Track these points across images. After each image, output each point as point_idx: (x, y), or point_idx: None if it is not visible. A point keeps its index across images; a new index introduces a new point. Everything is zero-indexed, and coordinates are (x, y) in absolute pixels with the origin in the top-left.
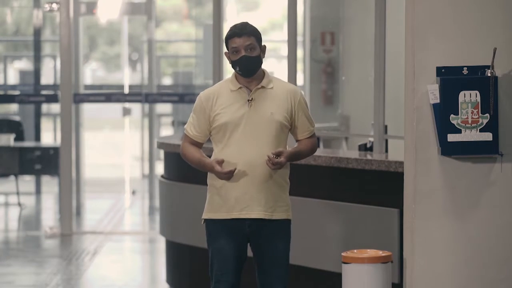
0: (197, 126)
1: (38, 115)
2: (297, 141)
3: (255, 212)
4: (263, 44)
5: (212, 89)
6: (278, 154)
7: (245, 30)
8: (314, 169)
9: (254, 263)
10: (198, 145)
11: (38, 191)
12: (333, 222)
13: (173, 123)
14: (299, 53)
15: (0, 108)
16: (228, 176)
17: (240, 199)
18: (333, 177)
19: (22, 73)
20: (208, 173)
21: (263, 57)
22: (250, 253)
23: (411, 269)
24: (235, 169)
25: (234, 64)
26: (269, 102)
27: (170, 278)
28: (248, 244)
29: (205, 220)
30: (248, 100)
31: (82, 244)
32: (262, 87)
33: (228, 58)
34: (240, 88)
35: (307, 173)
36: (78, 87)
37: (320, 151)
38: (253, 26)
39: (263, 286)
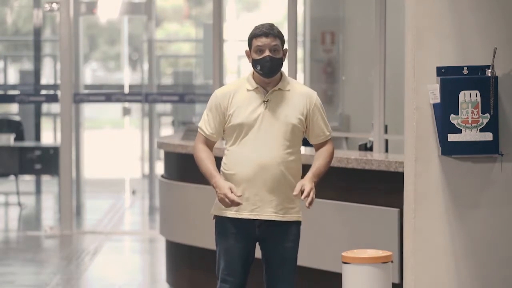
0: (212, 124)
1: (38, 115)
2: (313, 145)
3: (266, 213)
4: (285, 47)
5: (228, 87)
6: (301, 192)
7: (272, 31)
8: None
9: (262, 263)
10: (211, 144)
11: (38, 191)
12: (333, 222)
13: (173, 123)
14: (299, 53)
15: (0, 108)
16: (231, 204)
17: (251, 200)
18: (333, 177)
19: (22, 73)
20: (221, 170)
21: (284, 60)
22: (257, 254)
23: (411, 269)
24: (239, 199)
25: (255, 63)
26: (284, 105)
27: (170, 278)
28: (257, 243)
29: (215, 216)
30: (264, 101)
31: (82, 244)
32: (279, 89)
33: (249, 56)
34: (256, 88)
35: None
36: (78, 87)
37: None
38: (279, 29)
39: (269, 286)
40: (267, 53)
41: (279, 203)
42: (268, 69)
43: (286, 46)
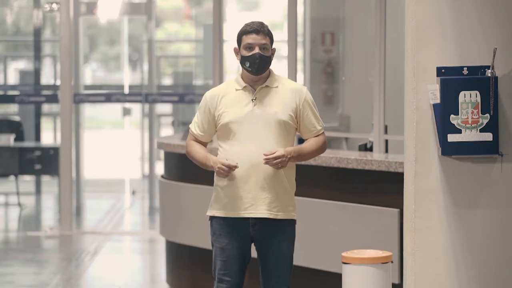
0: (201, 126)
1: (38, 115)
2: (305, 140)
3: (260, 211)
4: (273, 47)
5: (217, 88)
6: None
7: (262, 29)
8: (314, 169)
9: (258, 263)
10: (203, 144)
11: (38, 191)
12: (333, 222)
13: (173, 123)
14: (299, 53)
15: (0, 108)
16: (225, 175)
17: (245, 198)
18: (333, 177)
19: (22, 73)
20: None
21: (272, 59)
22: (254, 254)
23: (411, 269)
24: (234, 167)
25: (244, 60)
26: (273, 101)
27: (170, 278)
28: (253, 244)
29: (210, 217)
30: (252, 100)
31: (82, 244)
32: (267, 86)
33: (237, 53)
34: (245, 87)
35: (307, 173)
36: (78, 87)
37: None
38: (268, 28)
39: (265, 285)
40: (257, 50)
41: (273, 201)
42: (257, 66)
43: (274, 46)
